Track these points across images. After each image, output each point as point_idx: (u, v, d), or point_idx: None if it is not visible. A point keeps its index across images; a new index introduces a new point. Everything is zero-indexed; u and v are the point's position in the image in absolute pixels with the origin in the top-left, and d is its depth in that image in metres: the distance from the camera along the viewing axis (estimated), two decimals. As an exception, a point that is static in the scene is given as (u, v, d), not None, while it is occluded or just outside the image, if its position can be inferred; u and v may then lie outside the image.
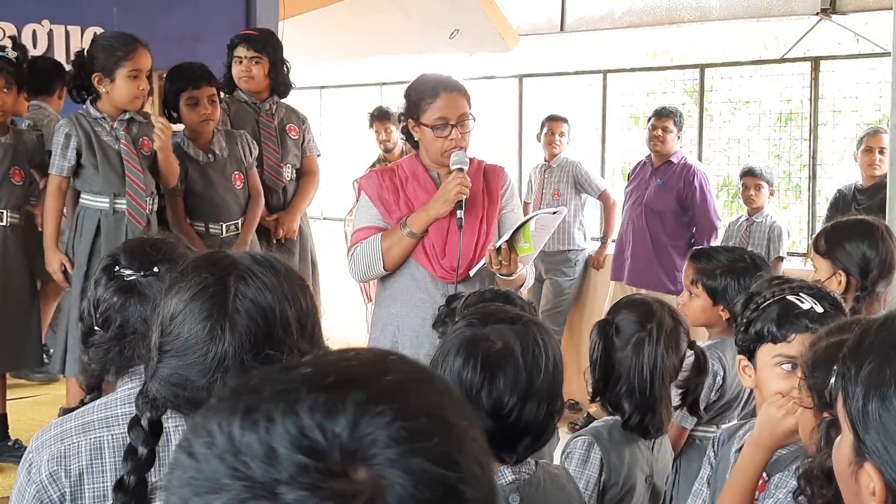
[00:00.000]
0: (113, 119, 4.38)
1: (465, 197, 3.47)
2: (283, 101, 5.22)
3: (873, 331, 1.17)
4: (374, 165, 7.29)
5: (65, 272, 4.39)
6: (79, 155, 4.35)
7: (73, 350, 4.33)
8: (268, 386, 0.81)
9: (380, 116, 8.02)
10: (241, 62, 4.99)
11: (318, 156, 5.37)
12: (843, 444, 1.18)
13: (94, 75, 4.31)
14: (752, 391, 3.23)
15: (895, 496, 1.10)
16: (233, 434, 0.78)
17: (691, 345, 2.65)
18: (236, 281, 1.53)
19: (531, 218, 3.43)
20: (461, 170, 3.49)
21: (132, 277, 2.08)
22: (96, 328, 2.09)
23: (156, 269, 2.09)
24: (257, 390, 0.81)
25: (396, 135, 7.49)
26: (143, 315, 2.06)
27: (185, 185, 4.72)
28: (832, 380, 1.20)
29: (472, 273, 3.53)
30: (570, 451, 2.49)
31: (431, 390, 0.83)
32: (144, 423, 1.52)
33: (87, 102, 4.39)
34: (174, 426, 1.95)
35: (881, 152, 5.99)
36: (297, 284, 1.59)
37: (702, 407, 3.17)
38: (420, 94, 3.57)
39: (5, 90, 4.53)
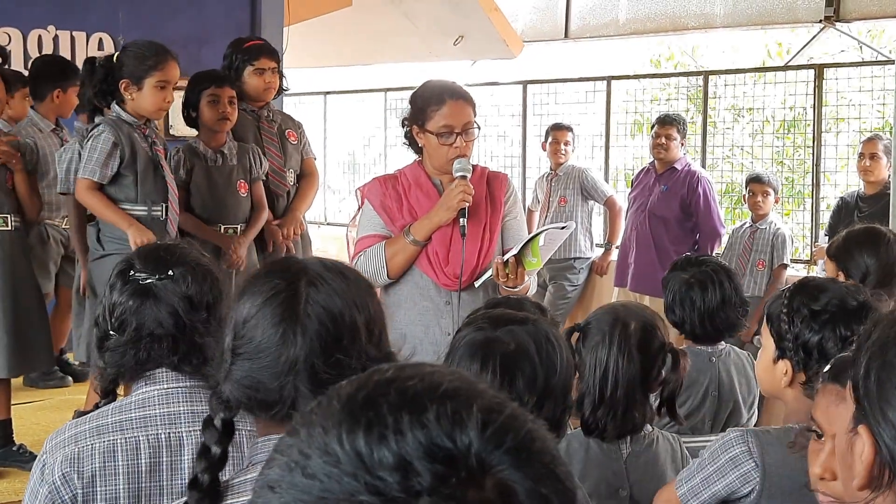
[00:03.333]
0: (141, 126, 4.39)
1: (467, 205, 3.47)
2: (276, 108, 5.27)
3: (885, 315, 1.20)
4: None
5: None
6: (121, 163, 4.30)
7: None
8: (383, 397, 0.81)
9: None
10: (263, 73, 5.03)
11: (315, 159, 5.43)
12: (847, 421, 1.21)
13: (121, 81, 4.32)
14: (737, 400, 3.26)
15: (882, 461, 1.12)
16: (359, 449, 0.77)
17: (664, 345, 2.62)
18: (307, 286, 1.56)
19: (541, 233, 3.43)
20: (464, 177, 3.49)
21: (148, 281, 2.11)
22: (111, 332, 2.12)
23: (171, 273, 2.12)
24: (373, 403, 0.81)
25: None
26: (159, 318, 2.09)
27: (188, 178, 4.76)
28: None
29: (477, 284, 3.53)
30: None
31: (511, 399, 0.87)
32: (218, 423, 1.55)
33: (115, 106, 4.38)
34: (188, 431, 1.98)
35: (872, 158, 6.01)
36: (366, 291, 1.64)
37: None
38: (426, 101, 3.56)
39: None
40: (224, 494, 1.51)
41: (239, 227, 4.87)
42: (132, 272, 2.13)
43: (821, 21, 7.56)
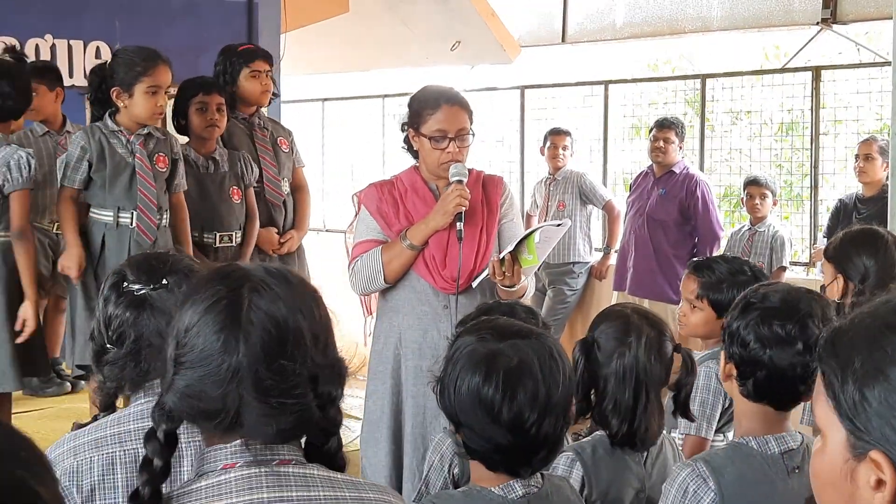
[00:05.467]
0: (130, 132, 4.38)
1: (464, 209, 3.47)
2: (265, 115, 5.26)
3: (848, 327, 1.17)
4: None
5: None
6: (90, 167, 4.35)
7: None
8: None
9: None
10: (259, 76, 5.02)
11: (304, 167, 5.42)
12: (828, 450, 1.17)
13: (112, 89, 4.32)
14: None
15: None
16: None
17: (677, 348, 2.63)
18: (250, 292, 1.53)
19: (536, 230, 3.43)
20: (460, 182, 3.50)
21: (142, 291, 2.09)
22: (109, 346, 2.10)
23: (165, 282, 2.10)
24: None
25: None
26: (158, 328, 2.06)
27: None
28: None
29: (474, 284, 3.53)
30: (553, 467, 2.49)
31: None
32: (160, 435, 1.53)
33: (106, 115, 4.40)
34: (187, 441, 1.97)
35: (865, 159, 6.04)
36: (311, 296, 1.60)
37: (717, 416, 3.17)
38: (422, 105, 3.57)
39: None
40: None
41: (234, 233, 4.85)
42: (125, 283, 2.11)
43: (818, 23, 7.56)
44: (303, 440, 1.60)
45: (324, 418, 1.55)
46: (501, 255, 3.37)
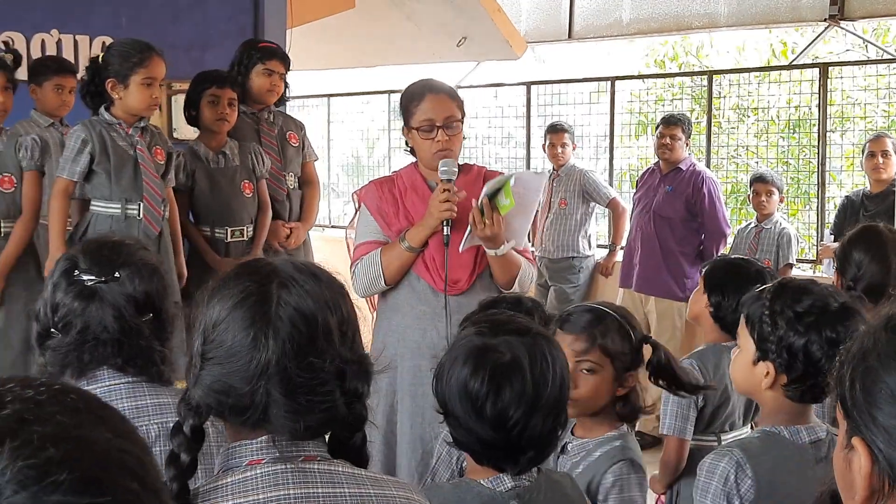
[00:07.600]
0: (128, 125, 4.38)
1: (452, 215, 3.40)
2: (277, 108, 5.26)
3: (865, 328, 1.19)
4: None
5: None
6: (91, 160, 4.34)
7: None
8: None
9: None
10: (271, 75, 5.03)
11: (316, 160, 5.43)
12: (839, 443, 1.18)
13: (108, 81, 4.32)
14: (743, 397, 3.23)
15: (880, 470, 1.10)
16: None
17: (645, 339, 2.58)
18: (278, 288, 1.52)
19: (512, 175, 3.38)
20: (448, 181, 3.44)
21: (93, 283, 2.07)
22: (53, 331, 2.09)
23: (116, 274, 2.08)
24: None
25: None
26: (105, 321, 2.06)
27: (191, 182, 4.76)
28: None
29: (461, 248, 3.44)
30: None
31: (61, 411, 0.77)
32: (187, 429, 1.52)
33: (102, 108, 4.40)
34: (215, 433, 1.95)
35: (884, 155, 6.00)
36: (339, 292, 1.59)
37: (693, 417, 3.14)
38: (409, 99, 3.54)
39: (6, 90, 4.52)
40: (194, 502, 1.48)
41: (245, 228, 4.86)
42: (77, 272, 2.09)
43: (825, 20, 7.54)
44: (327, 435, 1.59)
45: (350, 414, 1.55)
46: (479, 202, 3.32)
